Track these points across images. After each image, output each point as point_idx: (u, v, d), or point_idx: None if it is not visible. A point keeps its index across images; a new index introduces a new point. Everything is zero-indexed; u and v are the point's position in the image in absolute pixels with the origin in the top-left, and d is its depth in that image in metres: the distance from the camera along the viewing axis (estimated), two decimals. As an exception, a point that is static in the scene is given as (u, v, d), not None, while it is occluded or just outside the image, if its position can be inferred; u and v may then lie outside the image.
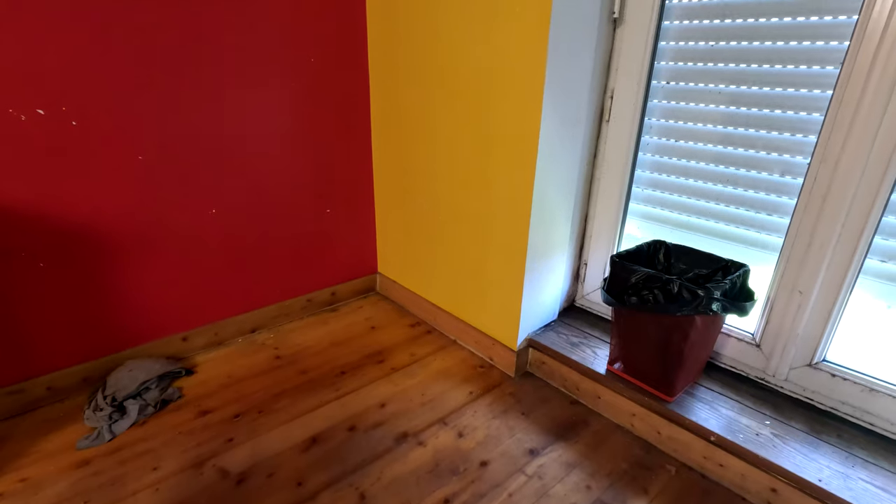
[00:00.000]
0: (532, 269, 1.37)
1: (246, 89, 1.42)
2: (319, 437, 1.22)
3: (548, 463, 1.16)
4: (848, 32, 0.95)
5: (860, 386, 1.06)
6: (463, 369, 1.51)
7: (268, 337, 1.67)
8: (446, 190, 1.52)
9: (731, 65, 1.11)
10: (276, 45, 1.44)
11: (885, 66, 0.90)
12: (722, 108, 1.15)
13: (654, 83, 1.26)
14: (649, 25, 1.20)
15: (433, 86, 1.45)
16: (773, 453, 1.01)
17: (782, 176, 1.10)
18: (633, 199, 1.39)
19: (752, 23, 1.06)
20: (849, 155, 0.98)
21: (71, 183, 1.21)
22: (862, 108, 0.94)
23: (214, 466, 1.13)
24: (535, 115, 1.19)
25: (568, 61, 1.18)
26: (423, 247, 1.70)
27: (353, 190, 1.80)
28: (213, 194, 1.45)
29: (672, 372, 1.13)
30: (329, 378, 1.45)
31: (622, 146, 1.34)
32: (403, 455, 1.17)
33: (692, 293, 1.02)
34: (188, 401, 1.34)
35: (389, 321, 1.79)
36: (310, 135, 1.61)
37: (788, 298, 1.13)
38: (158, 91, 1.27)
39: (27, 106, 1.11)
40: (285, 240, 1.67)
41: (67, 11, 1.11)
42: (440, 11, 1.35)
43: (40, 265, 1.22)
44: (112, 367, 1.39)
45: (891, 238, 0.99)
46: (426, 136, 1.54)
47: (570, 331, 1.47)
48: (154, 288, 1.42)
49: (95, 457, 1.15)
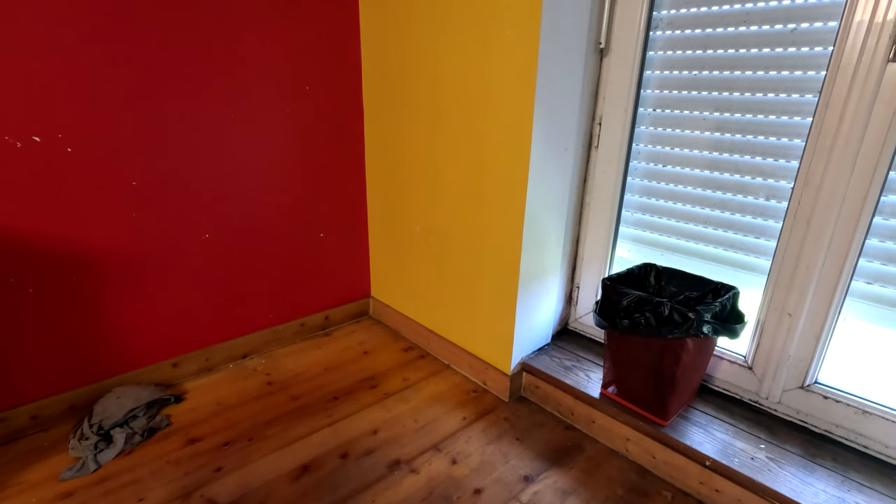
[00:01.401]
0: (525, 293, 1.37)
1: (240, 114, 1.45)
2: (311, 465, 1.20)
3: (543, 490, 1.14)
4: (824, 63, 0.99)
5: (853, 408, 1.07)
6: (456, 394, 1.50)
7: (259, 362, 1.65)
8: (439, 214, 1.54)
9: (715, 93, 1.15)
10: (271, 71, 1.47)
11: (861, 94, 0.94)
12: (707, 134, 1.18)
13: (640, 110, 1.29)
14: (634, 56, 1.24)
15: (425, 112, 1.48)
16: (769, 478, 1.01)
17: (768, 200, 1.13)
18: (623, 222, 1.41)
19: (733, 53, 1.10)
20: (830, 179, 1.00)
21: (64, 208, 1.21)
22: (841, 134, 0.97)
23: (202, 497, 1.10)
24: (525, 140, 1.22)
25: (556, 89, 1.22)
26: (417, 271, 1.70)
27: (347, 214, 1.81)
28: (206, 219, 1.46)
29: (665, 395, 1.13)
30: (321, 404, 1.43)
31: (611, 171, 1.37)
32: (396, 483, 1.15)
33: (683, 316, 1.03)
34: (177, 429, 1.32)
35: (382, 346, 1.78)
36: (303, 159, 1.63)
37: (778, 320, 1.14)
38: (152, 118, 1.29)
39: (23, 133, 1.12)
40: (278, 264, 1.67)
41: (65, 39, 1.13)
42: (433, 41, 1.39)
43: (29, 291, 1.21)
44: (99, 394, 1.37)
45: (875, 260, 1.01)
46: (419, 162, 1.56)
47: (564, 354, 1.47)
48: (144, 313, 1.41)
49: (79, 488, 1.12)
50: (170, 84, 1.30)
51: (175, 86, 1.31)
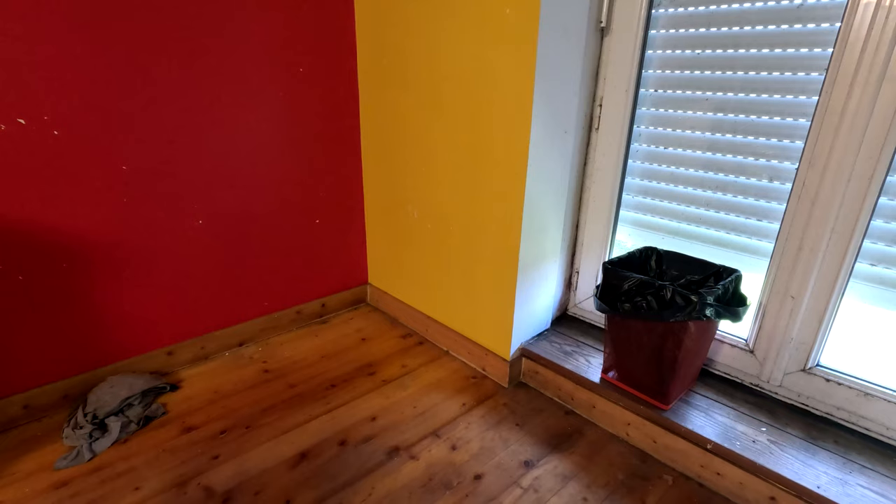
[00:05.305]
0: (524, 278, 1.36)
1: (233, 98, 1.41)
2: (308, 453, 1.19)
3: (543, 475, 1.13)
4: (831, 40, 0.96)
5: (855, 390, 1.06)
6: (455, 380, 1.49)
7: (256, 350, 1.63)
8: (437, 199, 1.51)
9: (718, 72, 1.12)
10: (265, 53, 1.43)
11: (870, 72, 0.92)
12: (709, 114, 1.16)
13: (642, 91, 1.27)
14: (636, 34, 1.21)
15: (422, 95, 1.45)
16: (770, 461, 1.00)
17: (771, 181, 1.11)
18: (624, 206, 1.39)
19: (737, 31, 1.08)
20: (836, 160, 0.99)
21: (52, 192, 1.18)
22: (847, 113, 0.95)
23: (199, 485, 1.09)
24: (524, 122, 1.19)
25: (556, 70, 1.19)
26: (414, 257, 1.68)
27: (343, 200, 1.78)
28: (200, 204, 1.43)
29: (667, 379, 1.12)
30: (319, 391, 1.42)
31: (612, 154, 1.34)
32: (395, 469, 1.14)
33: (685, 299, 1.02)
34: (172, 417, 1.30)
35: (380, 332, 1.76)
36: (298, 144, 1.60)
37: (781, 303, 1.13)
38: (143, 100, 1.26)
39: (7, 115, 1.08)
40: (273, 250, 1.64)
41: (50, 18, 1.09)
42: (429, 21, 1.35)
43: (19, 278, 1.18)
44: (93, 383, 1.35)
45: (879, 241, 0.99)
46: (416, 145, 1.53)
47: (564, 339, 1.46)
48: (138, 300, 1.39)
49: (74, 477, 1.10)
50: (161, 65, 1.26)
51: (166, 67, 1.27)
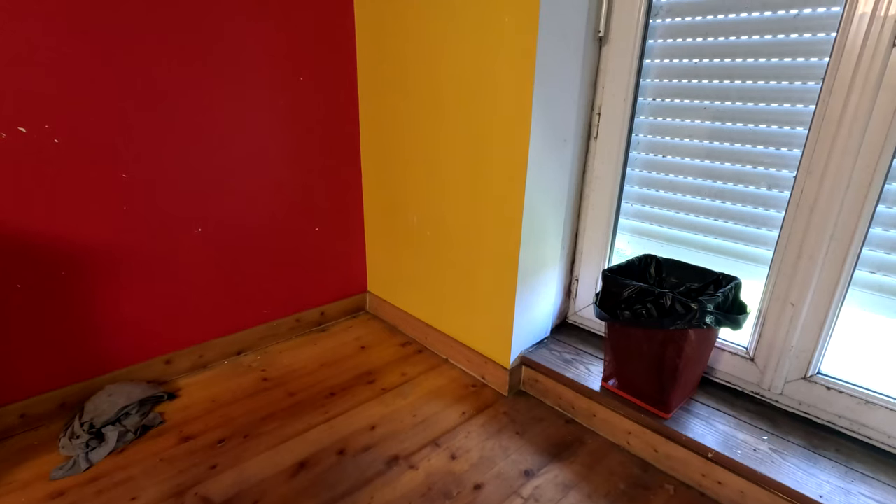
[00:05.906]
0: (523, 286, 1.36)
1: (233, 105, 1.42)
2: (307, 462, 1.18)
3: (544, 484, 1.13)
4: (827, 49, 0.97)
5: (856, 399, 1.06)
6: (455, 389, 1.48)
7: (255, 358, 1.62)
8: (436, 207, 1.52)
9: (716, 81, 1.13)
10: (265, 62, 1.44)
11: (866, 80, 0.92)
12: (707, 123, 1.17)
13: (640, 100, 1.27)
14: (634, 44, 1.22)
15: (422, 102, 1.46)
16: (772, 469, 0.99)
17: (769, 189, 1.11)
18: (623, 214, 1.39)
19: (735, 41, 1.08)
20: (834, 167, 0.99)
21: (52, 201, 1.18)
22: (845, 122, 0.96)
23: (196, 495, 1.08)
24: (524, 130, 1.19)
25: (555, 78, 1.20)
26: (414, 265, 1.68)
27: (342, 208, 1.78)
28: (199, 212, 1.43)
29: (667, 387, 1.12)
30: (318, 400, 1.41)
31: (610, 162, 1.35)
32: (394, 479, 1.13)
33: (685, 307, 1.02)
34: (170, 426, 1.29)
35: (380, 340, 1.76)
36: (298, 152, 1.60)
37: (780, 311, 1.13)
38: (143, 109, 1.26)
39: (8, 124, 1.09)
40: (272, 258, 1.64)
41: (51, 27, 1.10)
42: (429, 28, 1.36)
43: (17, 286, 1.18)
44: (91, 392, 1.34)
45: (878, 249, 0.99)
46: (415, 154, 1.54)
47: (563, 347, 1.46)
48: (136, 309, 1.38)
49: (71, 487, 1.09)
50: (161, 75, 1.26)
51: (167, 77, 1.27)
